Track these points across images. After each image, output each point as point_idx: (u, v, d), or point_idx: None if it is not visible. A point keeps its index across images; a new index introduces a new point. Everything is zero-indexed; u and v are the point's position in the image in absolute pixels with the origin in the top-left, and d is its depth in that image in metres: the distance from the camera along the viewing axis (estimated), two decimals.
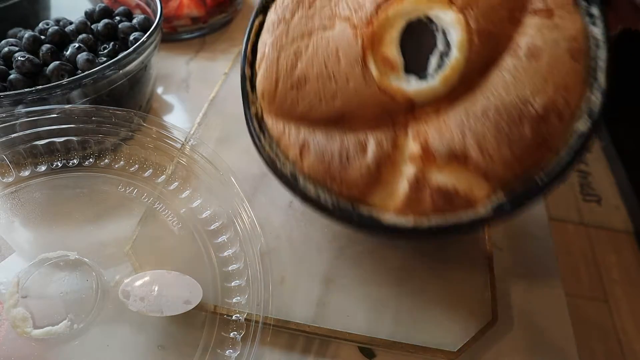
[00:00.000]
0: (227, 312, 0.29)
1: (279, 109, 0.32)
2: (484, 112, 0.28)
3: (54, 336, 0.28)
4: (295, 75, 0.31)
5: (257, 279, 0.30)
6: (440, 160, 0.28)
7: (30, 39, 0.40)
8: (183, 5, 0.54)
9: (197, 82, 0.51)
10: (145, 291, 0.29)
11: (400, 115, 0.30)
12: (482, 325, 0.30)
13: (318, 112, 0.31)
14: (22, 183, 0.33)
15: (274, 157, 0.32)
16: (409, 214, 0.29)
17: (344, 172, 0.30)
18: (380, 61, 0.30)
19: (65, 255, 0.31)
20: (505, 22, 0.30)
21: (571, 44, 0.28)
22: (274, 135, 0.32)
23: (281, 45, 0.32)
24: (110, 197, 0.34)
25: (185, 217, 0.33)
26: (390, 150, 0.29)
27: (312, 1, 0.33)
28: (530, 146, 0.27)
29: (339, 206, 0.30)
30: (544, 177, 0.27)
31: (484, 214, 0.28)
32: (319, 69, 0.31)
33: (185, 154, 0.34)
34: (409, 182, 0.29)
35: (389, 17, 0.31)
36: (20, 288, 0.29)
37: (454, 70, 0.29)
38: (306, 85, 0.31)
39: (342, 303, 0.32)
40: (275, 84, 0.32)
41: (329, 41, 0.31)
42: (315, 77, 0.31)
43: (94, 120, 0.33)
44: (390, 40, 0.31)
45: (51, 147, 0.33)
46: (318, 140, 0.31)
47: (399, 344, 0.30)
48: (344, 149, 0.30)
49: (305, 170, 0.31)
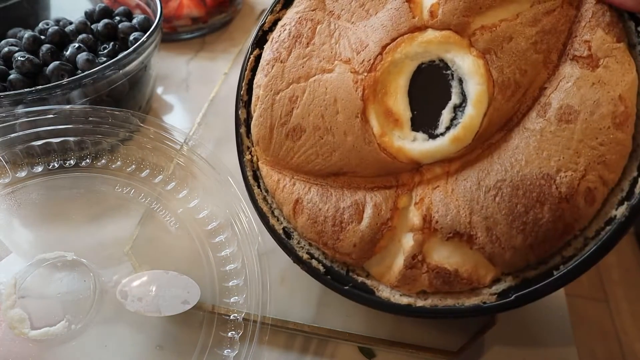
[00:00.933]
0: (225, 312, 0.29)
1: (274, 158, 0.29)
2: (498, 185, 0.23)
3: (51, 337, 0.28)
4: (290, 123, 0.28)
5: (254, 278, 0.30)
6: (442, 235, 0.25)
7: (30, 39, 0.40)
8: (183, 5, 0.54)
9: (197, 82, 0.51)
10: (143, 291, 0.29)
11: (405, 174, 0.27)
12: (482, 325, 0.30)
13: (314, 167, 0.28)
14: (19, 184, 0.33)
15: (267, 211, 0.30)
16: (405, 290, 0.26)
17: (337, 239, 0.27)
18: (383, 115, 0.26)
19: (63, 255, 0.31)
20: (539, 69, 0.24)
21: (617, 106, 0.22)
22: (268, 186, 0.30)
23: (276, 89, 0.29)
24: (108, 197, 0.34)
25: (183, 217, 0.33)
26: (388, 216, 0.26)
27: (310, 37, 0.28)
28: (548, 233, 0.23)
29: (332, 273, 0.28)
30: (562, 267, 0.23)
31: (487, 301, 0.24)
32: (316, 119, 0.27)
33: (183, 155, 0.34)
34: (406, 258, 0.26)
35: (396, 60, 0.26)
36: (18, 289, 0.29)
37: (468, 130, 0.24)
38: (302, 136, 0.28)
39: (342, 303, 0.31)
40: (269, 131, 0.29)
41: (327, 88, 0.27)
42: (312, 129, 0.28)
43: (90, 120, 0.33)
44: (396, 89, 0.26)
45: (48, 148, 0.33)
46: (312, 198, 0.28)
47: (399, 344, 0.30)
48: (339, 213, 0.27)
49: (299, 229, 0.29)
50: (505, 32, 0.24)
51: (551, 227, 0.22)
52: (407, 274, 0.26)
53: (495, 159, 0.24)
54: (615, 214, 0.22)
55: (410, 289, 0.26)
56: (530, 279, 0.24)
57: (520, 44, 0.24)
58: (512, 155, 0.24)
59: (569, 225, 0.22)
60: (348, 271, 0.28)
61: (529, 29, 0.24)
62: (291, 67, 0.28)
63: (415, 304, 0.26)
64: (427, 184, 0.26)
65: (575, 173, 0.22)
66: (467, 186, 0.24)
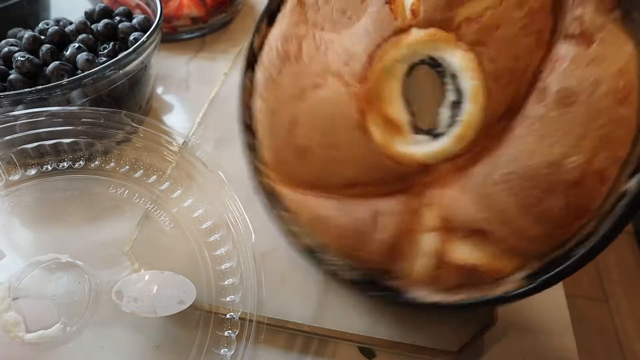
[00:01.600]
0: (221, 311, 0.29)
1: (286, 178, 0.29)
2: (507, 178, 0.23)
3: (46, 340, 0.28)
4: (295, 144, 0.28)
5: (250, 277, 0.30)
6: (460, 233, 0.25)
7: (30, 39, 0.40)
8: (183, 5, 0.54)
9: (197, 82, 0.51)
10: (138, 292, 0.29)
11: (415, 177, 0.26)
12: (482, 325, 0.30)
13: (326, 181, 0.28)
14: (13, 187, 0.33)
15: (287, 231, 0.29)
16: (431, 289, 0.26)
17: (359, 249, 0.27)
18: (382, 123, 0.26)
19: (57, 258, 0.31)
20: (532, 51, 0.23)
21: (617, 82, 0.21)
22: (286, 204, 0.29)
23: (273, 111, 0.28)
24: (102, 199, 0.34)
25: (178, 216, 0.33)
26: (406, 221, 0.26)
27: (297, 53, 0.28)
28: (563, 219, 0.22)
29: (360, 281, 0.28)
30: (581, 247, 0.23)
31: (512, 289, 0.24)
32: (318, 137, 0.27)
33: (177, 154, 0.34)
34: (428, 258, 0.26)
35: (386, 67, 0.25)
36: (12, 292, 0.29)
37: (468, 126, 0.24)
38: (308, 155, 0.28)
39: (342, 303, 0.31)
40: (275, 153, 0.29)
41: (323, 105, 0.27)
42: (317, 146, 0.27)
43: (84, 122, 0.33)
44: (391, 94, 0.26)
45: (41, 150, 0.33)
46: (330, 212, 0.28)
47: (399, 344, 0.30)
48: (358, 224, 0.27)
49: (321, 244, 0.28)
50: (492, 20, 0.23)
51: (565, 214, 0.22)
52: (431, 274, 0.26)
53: (501, 151, 0.23)
54: (627, 188, 0.21)
55: (436, 287, 0.26)
56: (551, 263, 0.24)
57: (508, 30, 0.23)
58: (516, 145, 0.23)
59: (583, 208, 0.22)
60: (375, 276, 0.28)
61: (516, 12, 0.23)
62: (285, 88, 0.28)
63: (444, 301, 0.26)
64: (437, 184, 0.26)
65: (582, 157, 0.21)
66: (476, 182, 0.24)
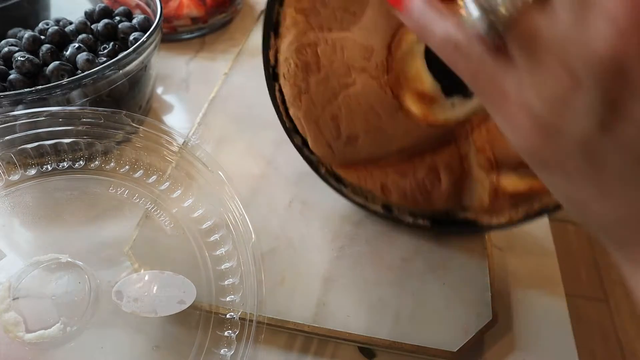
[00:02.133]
0: (221, 311, 0.29)
1: (343, 162, 0.33)
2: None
3: (47, 340, 0.28)
4: (343, 136, 0.31)
5: (250, 276, 0.30)
6: (507, 167, 0.29)
7: (30, 39, 0.40)
8: (183, 5, 0.54)
9: (197, 82, 0.51)
10: (138, 292, 0.29)
11: (459, 129, 0.29)
12: (482, 325, 0.30)
13: (380, 156, 0.31)
14: (13, 187, 0.33)
15: (363, 201, 0.34)
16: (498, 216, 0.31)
17: (429, 202, 0.32)
18: (417, 99, 0.29)
19: (57, 258, 0.31)
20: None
21: None
22: (353, 183, 0.34)
23: (315, 117, 0.31)
24: (102, 199, 0.34)
25: (178, 216, 0.33)
26: (460, 168, 0.30)
27: (316, 60, 0.29)
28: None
29: (436, 222, 0.34)
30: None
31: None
32: (363, 125, 0.30)
33: (177, 154, 0.34)
34: (488, 195, 0.30)
35: (406, 51, 0.28)
36: (12, 292, 0.29)
37: None
38: (358, 140, 0.31)
39: (342, 303, 0.31)
40: (328, 147, 0.32)
41: (358, 99, 0.29)
42: (364, 132, 0.30)
43: (84, 122, 0.33)
44: (417, 72, 0.28)
45: (41, 150, 0.33)
46: (392, 178, 0.32)
47: (399, 344, 0.30)
48: (421, 183, 0.31)
49: (395, 204, 0.33)
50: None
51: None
52: (494, 205, 0.31)
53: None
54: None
55: (502, 213, 0.31)
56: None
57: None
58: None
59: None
60: (448, 215, 0.33)
61: None
62: (317, 94, 0.30)
63: (513, 219, 0.31)
64: (478, 129, 0.29)
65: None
66: None
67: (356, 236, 0.35)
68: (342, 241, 0.35)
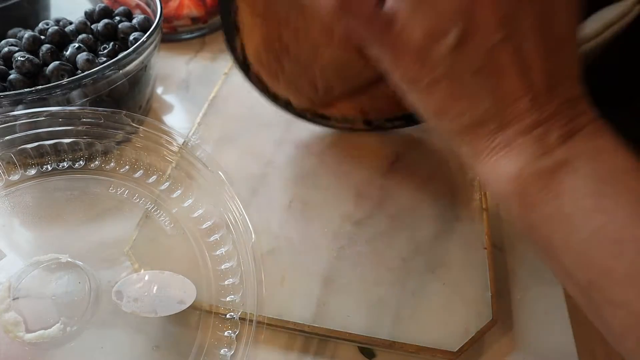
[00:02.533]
0: (221, 311, 0.29)
1: (324, 104, 0.39)
2: None
3: (47, 340, 0.28)
4: (321, 90, 0.36)
5: (250, 276, 0.30)
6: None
7: (30, 39, 0.40)
8: (183, 5, 0.54)
9: (197, 82, 0.51)
10: (138, 292, 0.29)
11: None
12: (482, 325, 0.30)
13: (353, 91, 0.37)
14: (13, 187, 0.33)
15: (348, 125, 0.40)
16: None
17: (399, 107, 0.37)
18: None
19: (57, 258, 0.31)
20: None
21: None
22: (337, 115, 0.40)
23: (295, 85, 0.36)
24: (102, 199, 0.34)
25: (178, 216, 0.33)
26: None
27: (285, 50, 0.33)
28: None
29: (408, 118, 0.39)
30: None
31: None
32: (337, 78, 0.35)
33: (177, 154, 0.34)
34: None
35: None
36: (12, 292, 0.29)
37: None
38: (334, 88, 0.36)
39: (342, 303, 0.31)
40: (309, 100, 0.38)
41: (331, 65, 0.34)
42: (338, 81, 0.36)
43: (84, 122, 0.33)
44: None
45: (41, 150, 0.33)
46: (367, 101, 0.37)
47: (399, 344, 0.30)
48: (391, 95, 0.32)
49: (373, 118, 0.40)
50: None
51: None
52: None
53: None
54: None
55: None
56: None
57: None
58: None
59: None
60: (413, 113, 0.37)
61: None
62: (291, 72, 0.34)
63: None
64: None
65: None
66: None
67: (356, 236, 0.35)
68: (342, 241, 0.35)
